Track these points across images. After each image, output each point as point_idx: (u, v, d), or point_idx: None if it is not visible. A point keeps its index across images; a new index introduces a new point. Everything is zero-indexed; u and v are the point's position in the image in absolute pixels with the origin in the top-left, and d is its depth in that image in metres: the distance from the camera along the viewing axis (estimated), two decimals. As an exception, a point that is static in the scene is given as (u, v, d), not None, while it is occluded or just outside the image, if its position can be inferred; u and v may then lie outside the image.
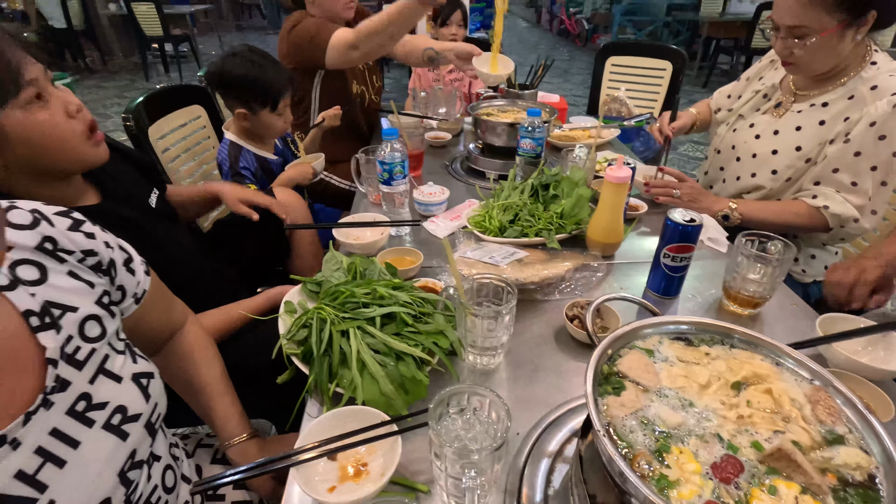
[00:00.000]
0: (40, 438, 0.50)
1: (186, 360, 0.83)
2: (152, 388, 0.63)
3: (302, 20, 1.67)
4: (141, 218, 0.94)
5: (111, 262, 0.64)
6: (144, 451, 0.62)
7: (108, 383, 0.58)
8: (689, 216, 0.91)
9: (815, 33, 1.09)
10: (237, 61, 1.37)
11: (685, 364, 0.56)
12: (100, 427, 0.55)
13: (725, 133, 1.45)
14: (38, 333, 0.52)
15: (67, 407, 0.53)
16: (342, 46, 1.57)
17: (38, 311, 0.53)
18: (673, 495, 0.43)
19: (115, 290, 0.65)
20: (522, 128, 1.29)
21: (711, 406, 0.51)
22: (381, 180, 1.16)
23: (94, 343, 0.58)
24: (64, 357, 0.54)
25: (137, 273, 0.69)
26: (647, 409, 0.51)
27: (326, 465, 0.64)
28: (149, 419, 0.62)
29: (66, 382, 0.53)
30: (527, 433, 0.71)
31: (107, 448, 0.56)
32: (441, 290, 0.91)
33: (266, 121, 1.44)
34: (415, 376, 0.71)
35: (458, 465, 0.54)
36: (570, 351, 0.86)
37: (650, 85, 2.54)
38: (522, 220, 1.14)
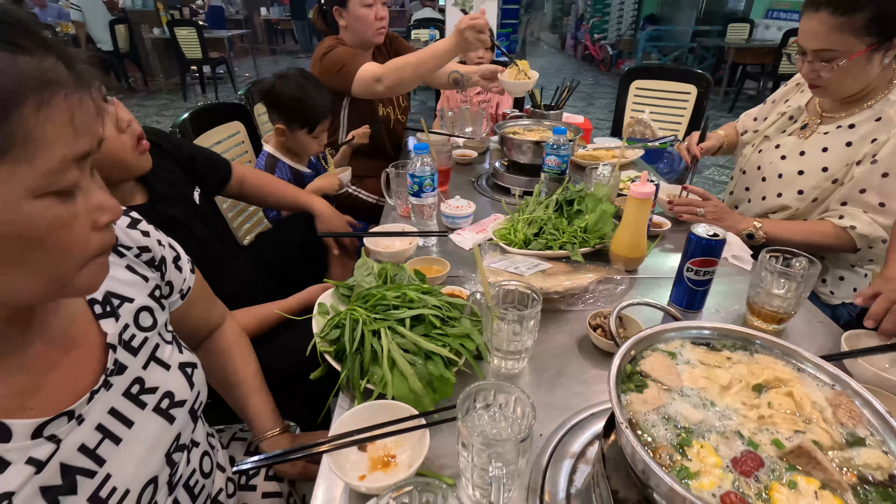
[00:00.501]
0: (101, 416, 0.54)
1: (224, 356, 0.88)
2: (196, 377, 0.68)
3: (334, 47, 1.75)
4: (185, 216, 1.01)
5: (162, 259, 0.69)
6: (187, 435, 0.66)
7: (158, 370, 0.63)
8: (712, 230, 0.93)
9: (843, 56, 1.11)
10: (287, 83, 1.49)
11: (707, 367, 0.58)
12: (150, 409, 0.60)
13: (751, 154, 1.47)
14: (100, 320, 0.57)
15: (124, 389, 0.58)
16: (368, 80, 1.65)
17: (100, 300, 0.58)
18: (693, 485, 0.45)
19: (164, 284, 0.70)
20: (548, 145, 1.33)
21: (732, 406, 0.53)
22: (411, 192, 1.21)
23: (146, 332, 0.63)
24: (121, 343, 0.59)
25: (184, 270, 0.75)
26: (669, 406, 0.53)
27: (357, 455, 0.67)
28: (192, 406, 0.66)
29: (123, 366, 0.58)
30: (549, 435, 0.72)
31: (156, 429, 0.60)
32: (468, 296, 0.94)
33: (301, 140, 1.55)
34: (443, 375, 0.74)
35: (484, 454, 0.56)
36: (593, 359, 0.88)
37: (675, 108, 2.57)
38: (547, 234, 1.17)
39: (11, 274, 0.41)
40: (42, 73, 0.39)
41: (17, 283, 0.42)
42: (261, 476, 0.86)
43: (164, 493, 0.61)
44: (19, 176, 0.38)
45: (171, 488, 0.62)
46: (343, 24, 1.79)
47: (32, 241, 0.40)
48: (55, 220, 0.41)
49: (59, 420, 0.49)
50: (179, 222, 0.99)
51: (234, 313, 0.96)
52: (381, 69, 1.63)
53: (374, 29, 1.78)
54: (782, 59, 5.57)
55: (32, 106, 0.38)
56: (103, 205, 0.46)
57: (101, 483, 0.52)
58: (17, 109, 0.37)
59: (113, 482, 0.53)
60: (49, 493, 0.47)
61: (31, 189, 0.39)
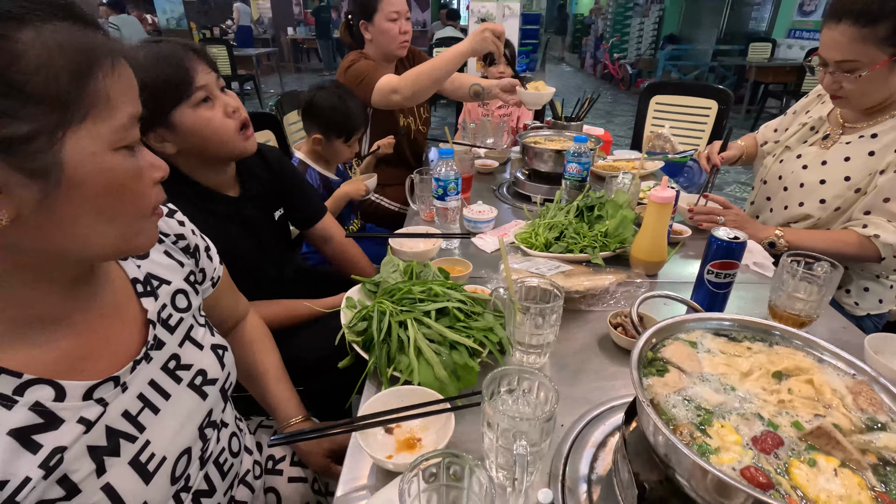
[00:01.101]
0: (142, 387, 0.58)
1: (248, 347, 0.92)
2: (226, 358, 0.72)
3: (357, 61, 1.84)
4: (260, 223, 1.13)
5: (196, 247, 0.74)
6: (218, 413, 0.69)
7: (193, 349, 0.67)
8: (733, 233, 0.94)
9: (865, 67, 1.12)
10: (326, 94, 1.57)
11: (727, 355, 0.60)
12: (185, 385, 0.64)
13: (772, 164, 1.47)
14: (141, 298, 0.62)
15: (162, 363, 0.62)
16: (385, 91, 1.73)
17: (142, 280, 0.63)
18: (713, 459, 0.47)
19: (198, 271, 0.75)
20: (569, 152, 1.37)
21: (753, 391, 0.54)
22: (436, 195, 1.25)
23: (182, 313, 0.67)
24: (160, 321, 0.63)
25: (214, 260, 0.80)
26: (690, 389, 0.55)
27: (384, 437, 0.70)
28: (223, 385, 0.70)
29: (162, 342, 0.63)
30: (570, 425, 0.74)
31: (190, 404, 0.64)
32: (490, 292, 0.97)
33: (337, 149, 1.63)
34: (467, 363, 0.76)
35: (509, 434, 0.58)
36: (613, 357, 0.89)
37: (695, 123, 2.58)
38: (567, 238, 1.19)
39: (98, 225, 0.47)
40: (105, 43, 0.45)
41: (100, 234, 0.48)
42: (287, 461, 0.88)
43: (196, 466, 0.64)
44: (101, 132, 0.45)
45: (202, 463, 0.65)
46: (368, 38, 1.88)
47: (114, 189, 0.47)
48: (129, 170, 0.48)
49: (107, 384, 0.54)
50: (252, 226, 1.09)
51: (269, 303, 1.01)
52: (397, 81, 1.70)
53: (398, 42, 1.86)
54: (805, 78, 5.54)
55: (106, 69, 0.44)
56: (154, 163, 0.52)
57: (142, 448, 0.56)
58: (98, 71, 0.44)
59: (151, 448, 0.56)
60: (95, 452, 0.51)
61: (111, 142, 0.45)
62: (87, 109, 0.43)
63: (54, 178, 0.42)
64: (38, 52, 0.40)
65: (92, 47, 0.44)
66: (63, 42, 0.42)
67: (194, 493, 0.64)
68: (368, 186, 1.64)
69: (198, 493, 0.64)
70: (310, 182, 1.60)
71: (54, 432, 0.48)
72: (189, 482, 0.62)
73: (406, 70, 2.05)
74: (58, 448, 0.48)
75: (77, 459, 0.49)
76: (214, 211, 1.01)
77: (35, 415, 0.47)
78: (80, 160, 0.43)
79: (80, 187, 0.44)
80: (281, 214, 1.22)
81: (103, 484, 0.51)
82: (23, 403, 0.47)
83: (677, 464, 0.48)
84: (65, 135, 0.42)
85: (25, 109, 0.40)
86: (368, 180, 1.66)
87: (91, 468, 0.50)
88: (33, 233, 0.44)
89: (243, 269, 0.93)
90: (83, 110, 0.43)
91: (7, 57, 0.39)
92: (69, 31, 0.43)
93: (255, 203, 1.11)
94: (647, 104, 2.69)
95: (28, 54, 0.40)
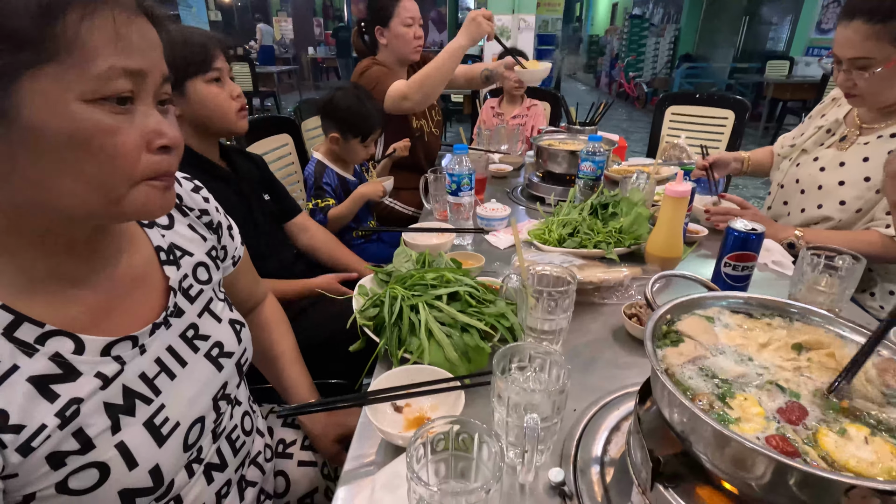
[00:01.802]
0: (160, 351, 0.59)
1: (265, 330, 0.93)
2: (243, 334, 0.73)
3: (370, 67, 1.90)
4: (252, 197, 1.20)
5: (219, 224, 0.76)
6: (232, 387, 0.69)
7: (211, 321, 0.68)
8: (751, 225, 0.93)
9: (879, 64, 1.11)
10: (345, 94, 1.62)
11: (744, 329, 0.58)
12: (202, 355, 0.64)
13: (788, 167, 1.45)
14: (164, 266, 0.63)
15: (180, 331, 0.63)
16: (396, 98, 1.80)
17: (165, 249, 0.64)
18: (734, 429, 0.45)
19: (220, 248, 0.76)
20: (584, 151, 1.37)
21: (771, 360, 0.53)
22: (450, 191, 1.26)
23: (202, 285, 0.68)
24: (181, 289, 0.64)
25: (235, 239, 0.81)
26: (706, 360, 0.53)
27: (393, 415, 0.69)
28: (238, 360, 0.71)
29: (181, 311, 0.63)
30: (583, 409, 0.73)
31: (206, 373, 0.64)
32: (502, 279, 0.96)
33: (353, 148, 1.66)
34: (478, 345, 0.76)
35: (521, 408, 0.57)
36: (627, 347, 0.88)
37: (711, 133, 2.56)
38: (581, 234, 1.19)
39: (64, 181, 0.44)
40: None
41: (70, 191, 0.44)
42: (297, 445, 0.88)
43: (208, 439, 0.64)
44: (68, 79, 0.41)
45: (214, 437, 0.65)
46: (384, 43, 1.94)
47: (79, 142, 0.43)
48: (100, 124, 0.43)
49: (125, 343, 0.54)
50: (246, 197, 1.18)
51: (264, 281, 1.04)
52: (406, 87, 1.77)
53: (413, 46, 1.93)
54: (825, 94, 5.48)
55: (77, 13, 0.41)
56: (162, 131, 0.48)
57: (156, 411, 0.56)
58: (62, 17, 0.40)
59: (166, 413, 0.57)
60: (111, 409, 0.52)
61: (81, 93, 0.42)
62: (51, 53, 0.40)
63: (7, 123, 0.41)
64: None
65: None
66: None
67: (206, 466, 0.64)
68: (386, 188, 1.66)
69: (210, 465, 0.64)
70: (327, 181, 1.63)
71: (72, 384, 0.49)
72: (201, 454, 0.62)
73: None
74: (74, 399, 0.49)
75: (93, 414, 0.50)
76: (210, 171, 1.12)
77: (54, 365, 0.48)
78: (40, 106, 0.41)
79: (40, 134, 0.41)
80: (269, 199, 1.31)
81: (117, 441, 0.51)
82: (43, 353, 0.48)
83: (694, 434, 0.47)
84: (22, 77, 0.40)
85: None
86: (386, 182, 1.68)
87: (106, 424, 0.51)
88: (3, 182, 0.43)
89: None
90: (44, 53, 0.40)
91: None
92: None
93: (243, 181, 1.20)
94: (662, 115, 2.69)
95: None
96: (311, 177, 1.63)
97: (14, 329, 0.46)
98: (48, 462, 0.47)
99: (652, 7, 12.68)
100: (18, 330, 0.47)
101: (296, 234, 1.44)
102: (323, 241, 1.46)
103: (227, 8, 12.68)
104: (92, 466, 0.49)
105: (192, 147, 1.10)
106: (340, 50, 10.80)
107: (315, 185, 1.61)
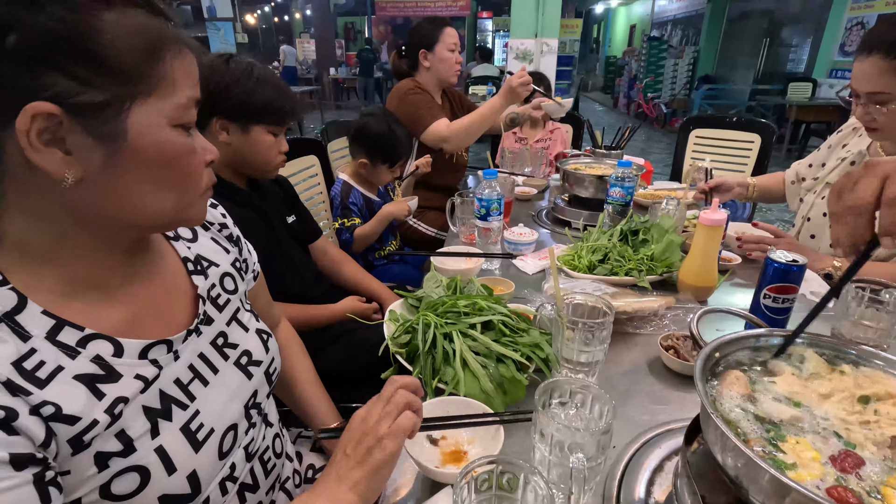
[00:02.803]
0: (192, 358, 0.60)
1: (281, 353, 0.93)
2: (270, 343, 0.73)
3: (414, 91, 1.97)
4: (275, 217, 1.21)
5: (238, 237, 0.78)
6: (262, 396, 0.70)
7: (239, 330, 0.69)
8: (791, 256, 0.91)
9: (895, 99, 1.10)
10: (376, 122, 1.65)
11: (803, 378, 0.56)
12: (232, 363, 0.65)
13: (813, 199, 1.42)
14: (192, 276, 0.65)
15: (211, 339, 0.64)
16: (436, 137, 1.92)
17: (192, 259, 0.66)
18: (791, 475, 0.43)
19: (241, 260, 0.78)
20: (613, 176, 1.36)
21: (832, 412, 0.51)
22: (478, 216, 1.26)
23: (229, 294, 0.70)
24: (209, 298, 0.66)
25: (253, 255, 0.83)
26: (757, 401, 0.51)
27: (429, 448, 0.68)
28: (267, 368, 0.71)
29: (210, 319, 0.65)
30: (623, 447, 0.71)
31: (236, 381, 0.65)
32: (536, 308, 0.95)
33: (380, 172, 1.70)
34: (514, 376, 0.75)
35: (564, 445, 0.56)
36: (665, 380, 0.86)
37: (737, 157, 2.52)
38: (612, 261, 1.17)
39: (156, 193, 0.51)
40: (175, 32, 0.50)
41: (158, 202, 0.51)
42: (326, 473, 0.87)
43: (241, 456, 0.64)
44: (163, 108, 0.49)
45: (248, 457, 0.65)
46: (426, 65, 2.01)
47: (171, 160, 0.51)
48: (185, 145, 0.52)
49: (160, 346, 0.56)
50: (269, 220, 1.18)
51: (287, 306, 1.03)
52: (448, 132, 1.89)
53: (454, 70, 2.03)
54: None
55: (172, 53, 0.49)
56: (206, 146, 0.56)
57: (192, 417, 0.57)
58: (166, 53, 0.48)
59: (201, 418, 0.57)
60: (150, 413, 0.53)
61: (171, 118, 0.50)
62: (154, 86, 0.48)
63: (118, 144, 0.46)
64: (118, 30, 0.45)
65: (163, 33, 0.49)
66: (140, 25, 0.47)
67: (240, 485, 0.64)
68: (411, 207, 1.68)
69: (243, 485, 0.64)
70: (353, 201, 1.65)
71: (115, 384, 0.50)
72: (235, 471, 0.62)
73: (447, 100, 2.18)
74: (120, 398, 0.50)
75: (133, 417, 0.51)
76: (231, 198, 1.12)
77: (97, 366, 0.50)
78: (143, 130, 0.47)
79: (140, 155, 0.48)
80: (293, 220, 1.32)
81: (157, 446, 0.52)
82: (85, 355, 0.49)
83: (751, 482, 0.45)
84: (132, 105, 0.46)
85: (102, 79, 0.44)
86: (410, 201, 1.70)
87: (146, 427, 0.52)
88: (95, 195, 0.47)
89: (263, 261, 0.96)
90: (150, 86, 0.47)
91: (92, 31, 0.44)
92: (145, 18, 0.48)
93: (266, 202, 1.22)
94: (686, 138, 2.67)
95: (110, 31, 0.44)
96: (338, 197, 1.66)
97: (56, 333, 0.48)
98: (95, 462, 0.48)
99: (670, 29, 12.74)
100: (61, 334, 0.48)
101: (317, 258, 1.45)
102: (343, 264, 1.46)
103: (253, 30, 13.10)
104: (133, 470, 0.50)
105: (223, 176, 1.12)
106: (363, 68, 11.06)
107: (341, 205, 1.64)
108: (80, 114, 0.44)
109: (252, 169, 1.16)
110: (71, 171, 0.45)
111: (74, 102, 0.43)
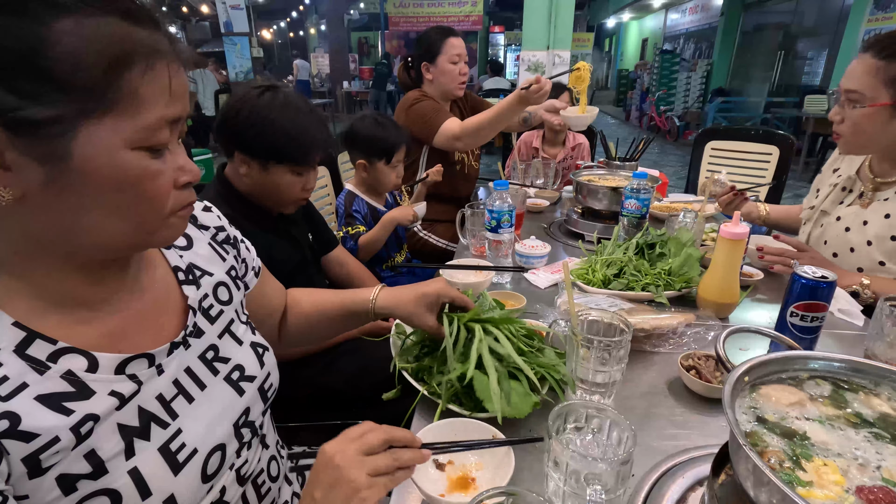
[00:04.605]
0: (177, 373, 0.57)
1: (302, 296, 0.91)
2: (266, 358, 0.70)
3: (421, 100, 1.92)
4: (300, 237, 1.22)
5: (235, 238, 0.75)
6: (256, 414, 0.66)
7: (232, 343, 0.66)
8: (819, 272, 0.86)
9: (866, 101, 1.08)
10: (365, 122, 1.63)
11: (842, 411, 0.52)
12: (222, 378, 0.62)
13: (811, 229, 1.37)
14: (183, 286, 0.62)
15: (200, 352, 0.61)
16: (448, 136, 1.83)
17: (183, 269, 0.63)
18: (801, 492, 0.39)
19: (240, 264, 0.74)
20: (628, 188, 1.32)
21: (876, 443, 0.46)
22: (489, 228, 1.23)
23: (223, 305, 0.67)
24: (200, 309, 0.62)
25: (252, 251, 0.80)
26: (792, 420, 0.47)
27: (436, 474, 0.64)
28: (261, 384, 0.67)
29: (201, 331, 0.62)
30: (643, 476, 0.66)
31: (226, 398, 0.61)
32: (550, 324, 0.91)
33: (381, 171, 1.65)
34: (527, 392, 0.71)
35: (580, 476, 0.52)
36: (685, 402, 0.81)
37: (754, 169, 2.46)
38: (628, 275, 1.13)
39: (107, 218, 0.46)
40: (151, 43, 0.45)
41: (111, 228, 0.47)
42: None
43: (232, 478, 0.60)
44: (122, 128, 0.44)
45: (240, 480, 0.62)
46: (430, 78, 1.96)
47: (125, 187, 0.45)
48: (145, 171, 0.46)
49: (140, 361, 0.52)
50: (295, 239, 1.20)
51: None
52: (460, 129, 1.79)
53: (458, 83, 1.96)
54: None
55: (140, 69, 0.43)
56: (185, 167, 0.50)
57: (173, 436, 0.53)
58: (127, 71, 0.43)
59: (183, 438, 0.54)
60: (126, 431, 0.50)
61: (130, 141, 0.44)
62: (112, 103, 0.43)
63: (61, 166, 0.42)
64: (70, 41, 0.40)
65: (132, 45, 0.43)
66: (101, 35, 0.41)
67: None
68: (417, 213, 1.65)
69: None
70: (357, 209, 1.63)
71: (86, 401, 0.47)
72: (225, 495, 0.59)
73: (459, 108, 2.13)
74: (90, 415, 0.47)
75: (106, 436, 0.48)
76: (259, 223, 1.11)
77: (66, 383, 0.47)
78: (92, 152, 0.43)
79: (88, 178, 0.43)
80: (313, 238, 1.31)
81: (130, 468, 0.49)
82: (55, 370, 0.47)
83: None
84: (82, 124, 0.42)
85: (48, 94, 0.40)
86: (417, 206, 1.67)
87: (120, 447, 0.49)
88: (40, 215, 0.44)
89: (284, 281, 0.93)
90: (107, 103, 0.42)
91: (35, 41, 0.39)
92: (114, 27, 0.42)
93: (297, 227, 1.21)
94: (701, 150, 2.61)
95: (60, 42, 0.40)
96: (342, 206, 1.66)
97: (26, 346, 0.46)
98: (59, 485, 0.45)
99: (683, 42, 12.72)
100: (31, 347, 0.46)
101: (332, 267, 1.42)
102: (358, 274, 1.44)
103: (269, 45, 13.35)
104: (103, 494, 0.47)
105: (252, 200, 1.12)
106: (377, 81, 11.19)
107: (345, 213, 1.63)
108: (19, 130, 0.40)
109: (270, 203, 1.15)
110: (8, 187, 0.41)
111: (13, 118, 0.39)
